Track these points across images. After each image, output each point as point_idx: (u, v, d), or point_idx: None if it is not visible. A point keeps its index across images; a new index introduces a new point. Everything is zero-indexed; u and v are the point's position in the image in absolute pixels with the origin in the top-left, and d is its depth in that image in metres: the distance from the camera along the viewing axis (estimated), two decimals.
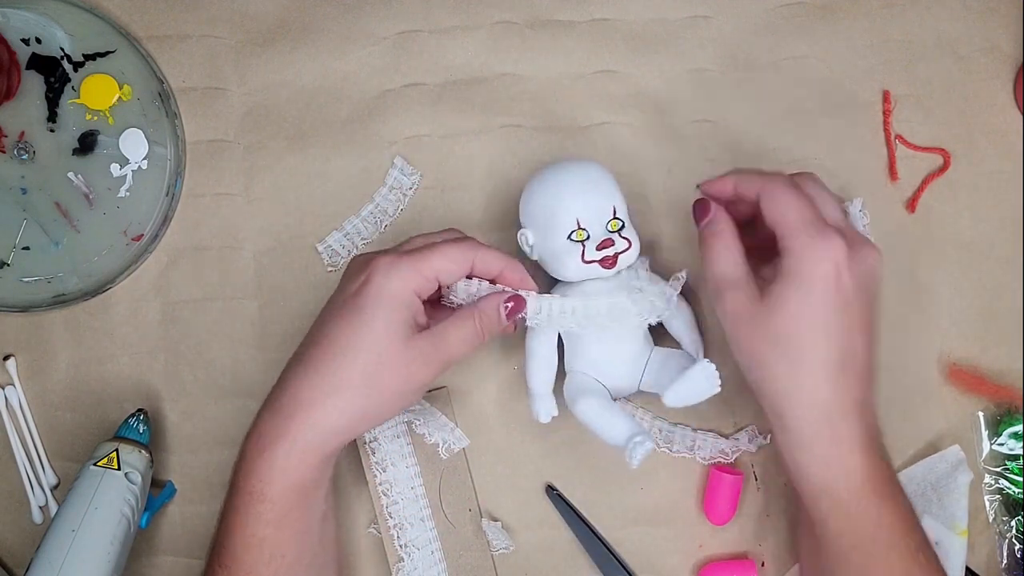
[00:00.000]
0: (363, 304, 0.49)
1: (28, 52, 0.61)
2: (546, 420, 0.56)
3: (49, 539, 0.54)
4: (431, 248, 0.51)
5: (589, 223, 0.54)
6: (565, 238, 0.54)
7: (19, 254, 0.61)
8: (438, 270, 0.50)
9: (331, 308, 0.51)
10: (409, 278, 0.49)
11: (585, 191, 0.54)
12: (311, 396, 0.49)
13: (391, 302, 0.49)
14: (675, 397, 0.52)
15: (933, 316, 0.63)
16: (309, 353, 0.50)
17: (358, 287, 0.50)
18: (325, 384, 0.48)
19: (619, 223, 0.54)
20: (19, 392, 0.62)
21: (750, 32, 0.64)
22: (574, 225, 0.54)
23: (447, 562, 0.59)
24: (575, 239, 0.54)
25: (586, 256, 0.53)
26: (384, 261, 0.49)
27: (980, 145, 0.63)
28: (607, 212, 0.54)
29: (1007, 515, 0.61)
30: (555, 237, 0.54)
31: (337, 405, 0.48)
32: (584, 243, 0.54)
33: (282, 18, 0.64)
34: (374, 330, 0.48)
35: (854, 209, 0.61)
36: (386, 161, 0.63)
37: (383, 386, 0.49)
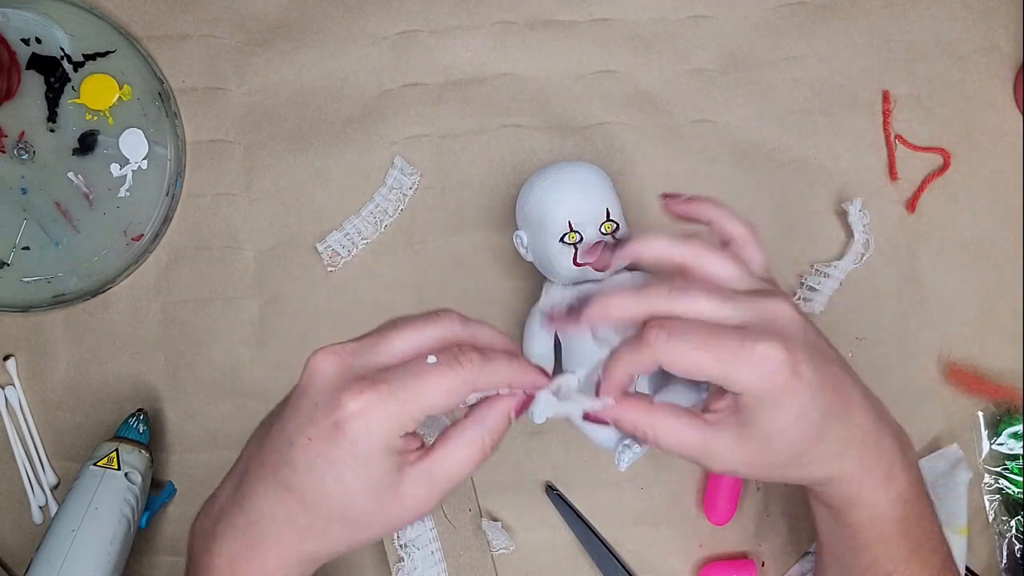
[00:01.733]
0: (337, 457, 0.39)
1: (28, 52, 0.61)
2: (541, 421, 0.56)
3: (49, 539, 0.54)
4: (421, 379, 0.40)
5: (582, 225, 0.53)
6: (558, 240, 0.54)
7: (19, 254, 0.61)
8: (429, 407, 0.40)
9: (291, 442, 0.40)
10: (394, 424, 0.39)
11: (578, 193, 0.54)
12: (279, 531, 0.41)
13: (373, 453, 0.39)
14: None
15: (933, 316, 0.63)
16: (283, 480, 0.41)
17: (328, 432, 0.39)
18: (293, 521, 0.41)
19: (613, 225, 0.54)
20: (19, 392, 0.62)
21: (750, 32, 0.64)
22: (566, 227, 0.53)
23: (447, 562, 0.59)
24: (568, 241, 0.53)
25: (578, 259, 0.53)
26: (361, 403, 0.39)
27: (980, 145, 0.63)
28: (600, 214, 0.54)
29: (1007, 515, 0.61)
30: (548, 239, 0.54)
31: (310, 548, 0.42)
32: (577, 245, 0.53)
33: (282, 18, 0.64)
34: (354, 489, 0.40)
35: (854, 209, 0.61)
36: (386, 161, 0.63)
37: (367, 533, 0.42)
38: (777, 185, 0.63)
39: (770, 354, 0.40)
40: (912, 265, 0.63)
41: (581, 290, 0.54)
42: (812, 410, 0.42)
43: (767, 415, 0.41)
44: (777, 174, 0.63)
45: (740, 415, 0.42)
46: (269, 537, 0.41)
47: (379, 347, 0.42)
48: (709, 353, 0.41)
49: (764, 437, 0.42)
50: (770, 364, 0.40)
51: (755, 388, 0.41)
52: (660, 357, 0.41)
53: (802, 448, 0.43)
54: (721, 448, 0.43)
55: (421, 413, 0.40)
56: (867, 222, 0.62)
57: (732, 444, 0.43)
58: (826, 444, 0.43)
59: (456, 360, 0.41)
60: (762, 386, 0.41)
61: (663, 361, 0.41)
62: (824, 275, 0.62)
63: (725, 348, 0.41)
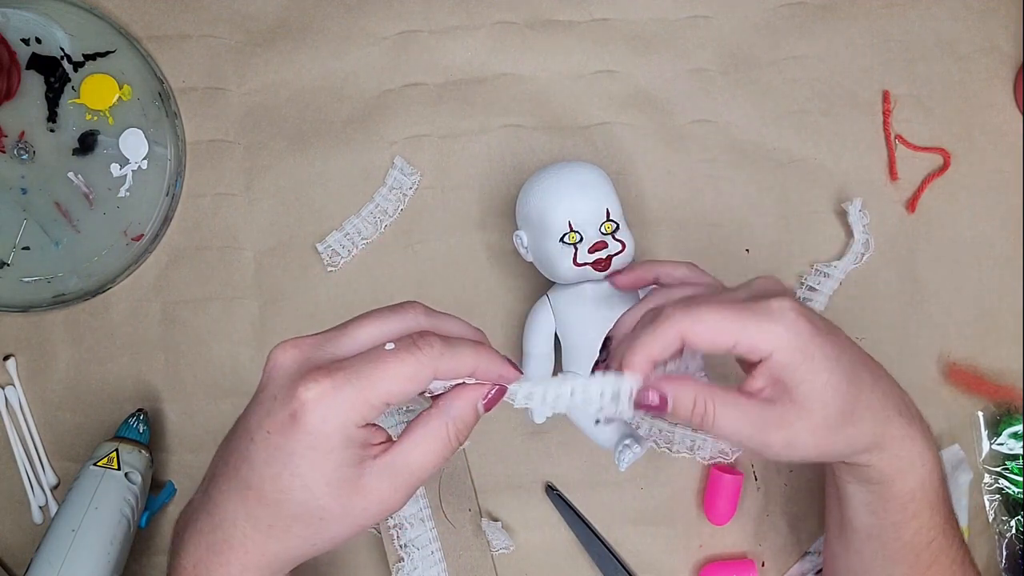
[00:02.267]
0: (294, 448, 0.38)
1: (28, 52, 0.61)
2: (540, 420, 0.56)
3: (49, 539, 0.54)
4: (378, 367, 0.39)
5: (582, 225, 0.53)
6: (558, 240, 0.54)
7: (19, 254, 0.61)
8: (388, 394, 0.39)
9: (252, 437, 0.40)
10: (352, 409, 0.38)
11: (577, 193, 0.54)
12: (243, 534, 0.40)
13: (330, 444, 0.38)
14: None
15: (933, 316, 0.63)
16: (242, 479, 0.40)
17: (285, 423, 0.38)
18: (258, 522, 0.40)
19: (613, 225, 0.54)
20: (19, 392, 0.62)
21: (750, 32, 0.64)
22: (566, 228, 0.53)
23: (447, 562, 0.59)
24: (568, 242, 0.53)
25: (578, 259, 0.53)
26: (316, 392, 0.38)
27: (980, 145, 0.63)
28: (600, 214, 0.54)
29: (1007, 515, 0.61)
30: (548, 239, 0.54)
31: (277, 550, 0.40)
32: (576, 245, 0.53)
33: (282, 18, 0.64)
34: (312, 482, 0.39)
35: (854, 209, 0.61)
36: (386, 161, 0.63)
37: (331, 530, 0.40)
38: (777, 185, 0.63)
39: (783, 306, 0.42)
40: (912, 265, 0.63)
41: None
42: (844, 360, 0.43)
43: (804, 371, 0.42)
44: (777, 174, 0.63)
45: (780, 384, 0.43)
46: (232, 540, 0.40)
47: (340, 339, 0.41)
48: (728, 315, 0.42)
49: (810, 398, 0.42)
50: (788, 316, 0.42)
51: (783, 343, 0.42)
52: (682, 326, 0.42)
53: (848, 404, 0.43)
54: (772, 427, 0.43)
55: (379, 401, 0.38)
56: (867, 222, 0.62)
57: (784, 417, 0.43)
58: (868, 401, 0.44)
59: (415, 345, 0.39)
60: (789, 339, 0.42)
61: (685, 330, 0.42)
62: (824, 275, 0.62)
63: (742, 308, 0.42)
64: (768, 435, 0.43)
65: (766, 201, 0.63)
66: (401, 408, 0.59)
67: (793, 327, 0.42)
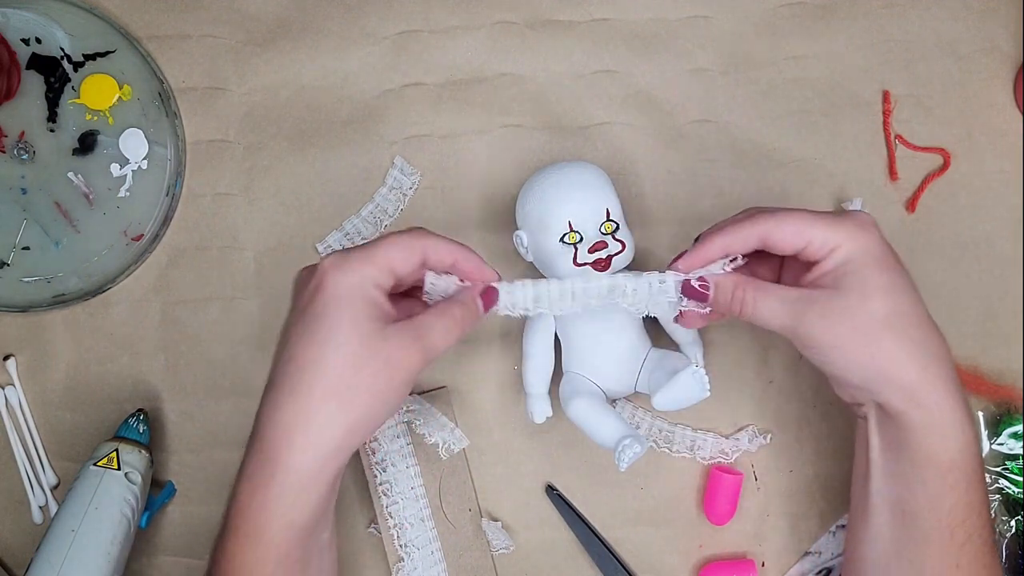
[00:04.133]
0: (321, 310, 0.44)
1: (28, 52, 0.61)
2: (540, 420, 0.56)
3: (49, 539, 0.54)
4: (378, 240, 0.47)
5: (582, 225, 0.53)
6: (558, 240, 0.53)
7: (19, 254, 0.61)
8: (389, 259, 0.46)
9: (289, 325, 0.47)
10: (362, 270, 0.45)
11: (577, 193, 0.54)
12: (292, 425, 0.44)
13: (351, 299, 0.44)
14: (664, 401, 0.52)
15: (933, 316, 0.62)
16: (279, 379, 0.45)
17: (311, 295, 0.45)
18: (302, 408, 0.44)
19: (613, 225, 0.54)
20: (19, 392, 0.62)
21: (750, 32, 0.64)
22: (566, 227, 0.53)
23: (447, 562, 0.59)
24: (567, 242, 0.53)
25: (578, 259, 0.53)
26: (331, 260, 0.45)
27: (980, 145, 0.63)
28: (600, 214, 0.54)
29: (1007, 515, 0.61)
30: (548, 239, 0.54)
31: (321, 427, 0.44)
32: (576, 245, 0.53)
33: (282, 18, 0.64)
34: (340, 333, 0.44)
35: (853, 209, 0.61)
36: (386, 161, 0.63)
37: (364, 390, 0.44)
38: (777, 185, 0.63)
39: (866, 218, 0.48)
40: (912, 265, 0.62)
41: None
42: (905, 286, 0.47)
43: (863, 267, 0.46)
44: (777, 174, 0.63)
45: (837, 274, 0.46)
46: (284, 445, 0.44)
47: None
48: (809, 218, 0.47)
49: (863, 292, 0.46)
50: (867, 224, 0.47)
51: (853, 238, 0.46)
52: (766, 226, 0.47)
53: (896, 320, 0.46)
54: (818, 311, 0.46)
55: (384, 264, 0.46)
56: None
57: (830, 306, 0.46)
58: (917, 339, 0.46)
59: (410, 229, 0.48)
60: (860, 238, 0.46)
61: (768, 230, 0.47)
62: None
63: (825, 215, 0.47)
64: (808, 322, 0.46)
65: (766, 201, 0.63)
66: (401, 408, 0.59)
67: (869, 232, 0.47)
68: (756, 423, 0.62)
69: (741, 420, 0.62)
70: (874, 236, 0.47)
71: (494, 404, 0.62)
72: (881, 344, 0.46)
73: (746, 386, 0.62)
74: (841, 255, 0.47)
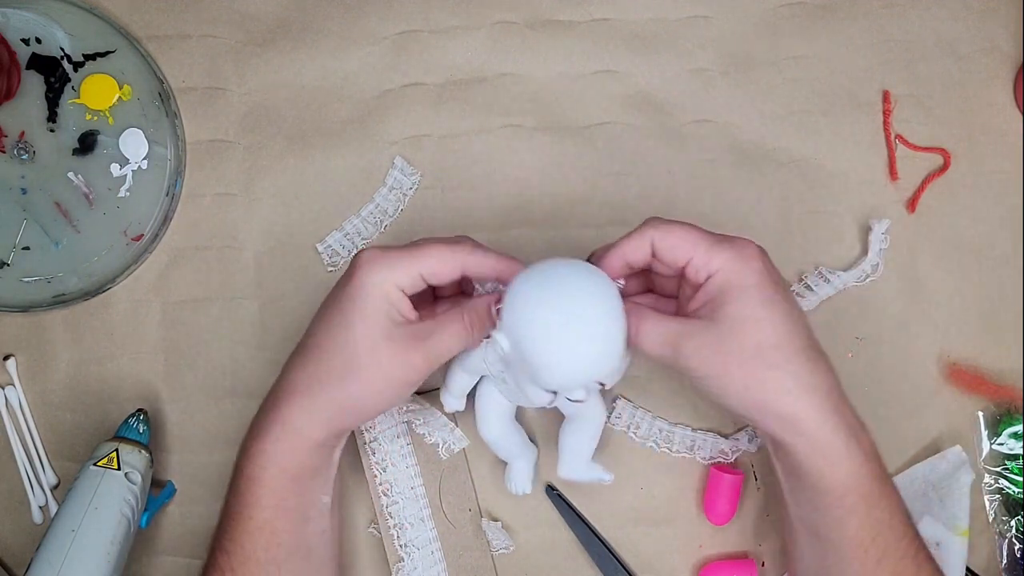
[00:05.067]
0: (345, 297, 0.49)
1: (28, 52, 0.61)
2: (449, 411, 0.58)
3: (49, 539, 0.54)
4: (420, 245, 0.49)
5: (570, 388, 0.48)
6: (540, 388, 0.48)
7: (19, 254, 0.61)
8: (424, 268, 0.49)
9: (324, 301, 0.51)
10: (391, 273, 0.48)
11: (577, 369, 0.46)
12: (300, 384, 0.49)
13: (371, 296, 0.48)
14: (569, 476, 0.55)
15: (933, 316, 0.63)
16: (304, 344, 0.51)
17: (344, 281, 0.50)
18: (311, 374, 0.49)
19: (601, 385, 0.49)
20: (19, 392, 0.62)
21: (750, 32, 0.64)
22: (555, 387, 0.48)
23: (447, 562, 0.59)
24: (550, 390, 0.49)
25: (556, 403, 0.50)
26: (368, 255, 0.49)
27: (980, 145, 0.63)
28: (592, 379, 0.48)
29: (1007, 515, 0.61)
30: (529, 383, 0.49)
31: (322, 394, 0.48)
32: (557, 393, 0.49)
33: (282, 18, 0.64)
34: (354, 323, 0.48)
35: (878, 230, 0.61)
36: (386, 161, 0.63)
37: (365, 378, 0.48)
38: (777, 185, 0.63)
39: (747, 244, 0.48)
40: (912, 265, 0.63)
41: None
42: (781, 310, 0.47)
43: (738, 294, 0.46)
44: (777, 174, 0.63)
45: (714, 303, 0.47)
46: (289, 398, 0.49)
47: None
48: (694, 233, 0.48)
49: (735, 323, 0.46)
50: (747, 250, 0.47)
51: (731, 264, 0.47)
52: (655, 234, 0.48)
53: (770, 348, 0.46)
54: (694, 343, 0.47)
55: (416, 271, 0.48)
56: (886, 247, 0.61)
57: (704, 338, 0.47)
58: (794, 366, 0.46)
59: (453, 240, 0.50)
60: (737, 264, 0.47)
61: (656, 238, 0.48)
62: (825, 279, 0.62)
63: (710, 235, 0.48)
64: (685, 355, 0.47)
65: (766, 201, 0.63)
66: (401, 408, 0.59)
67: (747, 258, 0.47)
68: None
69: (741, 420, 0.62)
70: (753, 265, 0.47)
71: None
72: (755, 376, 0.46)
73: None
74: (717, 282, 0.47)
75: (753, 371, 0.46)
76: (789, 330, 0.47)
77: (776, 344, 0.46)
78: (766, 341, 0.46)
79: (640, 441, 0.61)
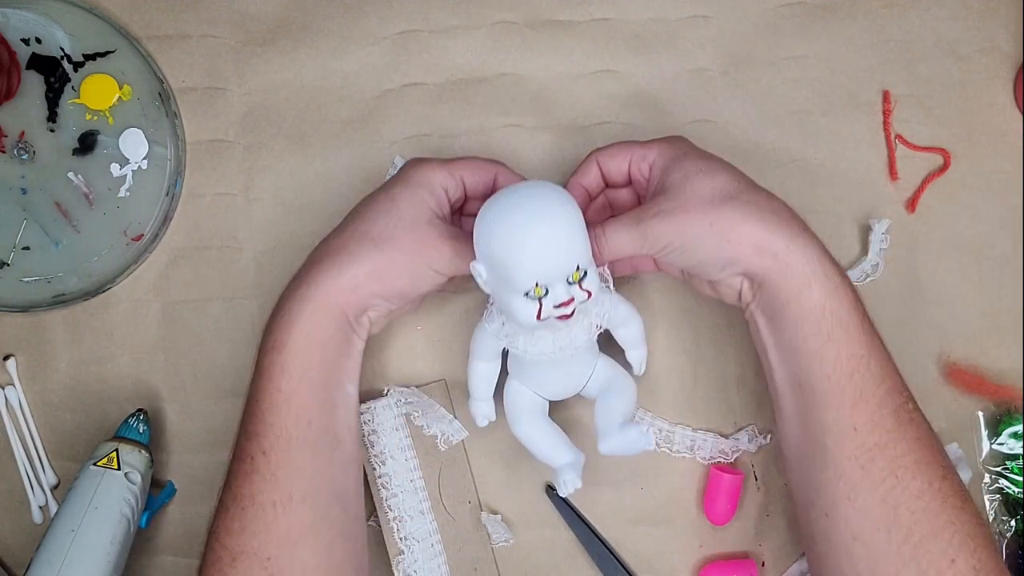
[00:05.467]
0: (395, 184, 0.54)
1: (28, 52, 0.61)
2: (483, 424, 0.57)
3: (49, 539, 0.54)
4: (462, 157, 0.56)
5: (549, 281, 0.48)
6: (522, 295, 0.48)
7: (19, 254, 0.61)
8: (464, 172, 0.54)
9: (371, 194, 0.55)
10: (438, 171, 0.53)
11: (546, 247, 0.47)
12: (333, 247, 0.52)
13: (421, 186, 0.53)
14: (609, 449, 0.53)
15: (933, 316, 0.63)
16: (344, 221, 0.54)
17: (395, 178, 0.55)
18: (349, 236, 0.52)
19: (581, 273, 0.49)
20: (19, 392, 0.62)
21: (750, 32, 0.64)
22: (531, 285, 0.48)
23: (447, 554, 0.59)
24: (532, 296, 0.49)
25: (542, 314, 0.49)
26: (417, 160, 0.55)
27: (980, 145, 0.63)
28: (570, 267, 0.48)
29: (1007, 515, 0.61)
30: (511, 291, 0.49)
31: (357, 253, 0.51)
32: (541, 300, 0.48)
33: (282, 18, 0.64)
34: (401, 203, 0.52)
35: (878, 230, 0.61)
36: (386, 161, 0.63)
37: (401, 247, 0.51)
38: (777, 185, 0.63)
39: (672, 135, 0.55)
40: (912, 265, 0.63)
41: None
42: (721, 163, 0.52)
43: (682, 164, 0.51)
44: (777, 174, 0.63)
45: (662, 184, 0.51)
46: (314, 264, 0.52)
47: None
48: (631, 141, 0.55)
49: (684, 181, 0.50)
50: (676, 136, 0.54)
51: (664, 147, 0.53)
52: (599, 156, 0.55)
53: (724, 191, 0.49)
54: (654, 216, 0.50)
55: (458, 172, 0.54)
56: (886, 247, 0.61)
57: (661, 206, 0.50)
58: (749, 196, 0.50)
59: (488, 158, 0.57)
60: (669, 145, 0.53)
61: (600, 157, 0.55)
62: None
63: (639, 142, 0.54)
64: (654, 233, 0.50)
65: None
66: (400, 400, 0.59)
67: (676, 140, 0.54)
68: (756, 423, 0.62)
69: (741, 420, 0.62)
70: (683, 143, 0.53)
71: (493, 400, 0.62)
72: (719, 214, 0.49)
73: (746, 386, 0.62)
74: (659, 165, 0.53)
75: (714, 209, 0.49)
76: (735, 175, 0.51)
77: (727, 183, 0.50)
78: (718, 183, 0.50)
79: None
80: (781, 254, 0.48)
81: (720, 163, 0.52)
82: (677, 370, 0.62)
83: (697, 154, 0.53)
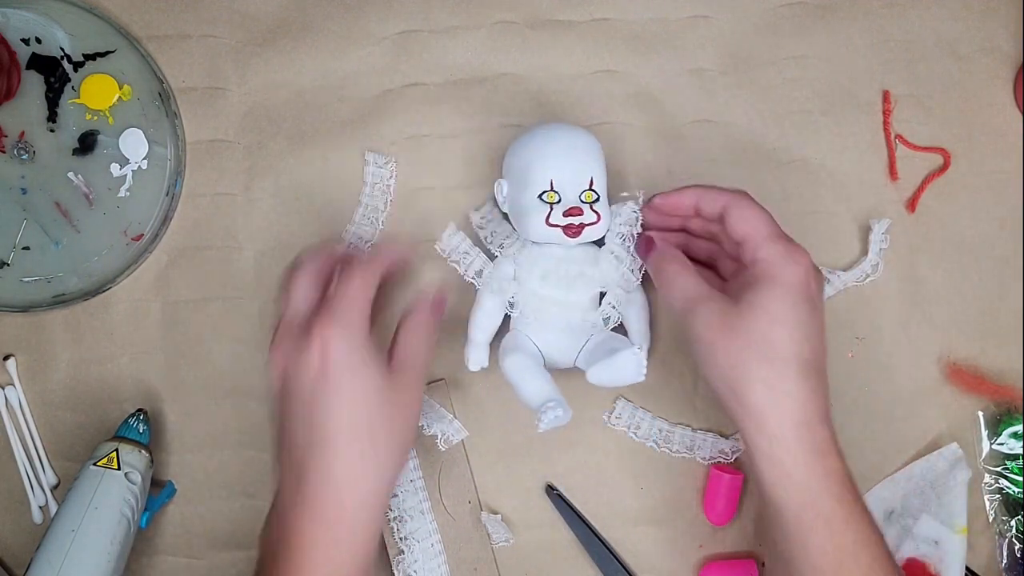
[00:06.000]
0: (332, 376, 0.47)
1: (28, 52, 0.61)
2: (475, 369, 0.57)
3: (49, 539, 0.54)
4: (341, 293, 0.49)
5: (563, 188, 0.53)
6: (536, 196, 0.53)
7: (19, 254, 0.61)
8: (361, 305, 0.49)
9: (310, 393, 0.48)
10: (361, 333, 0.48)
11: (564, 155, 0.54)
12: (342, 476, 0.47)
13: (363, 365, 0.48)
14: (598, 375, 0.52)
15: (933, 316, 0.63)
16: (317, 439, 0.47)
17: (316, 374, 0.47)
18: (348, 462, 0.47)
19: (594, 195, 0.54)
20: (19, 392, 0.62)
21: (750, 32, 0.64)
22: (547, 185, 0.53)
23: (447, 554, 0.59)
24: (545, 200, 0.53)
25: (551, 219, 0.53)
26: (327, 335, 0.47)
27: (980, 145, 0.63)
28: (584, 181, 0.54)
29: (1007, 515, 0.61)
30: (526, 193, 0.54)
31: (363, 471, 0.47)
32: (553, 205, 0.53)
33: (282, 18, 0.64)
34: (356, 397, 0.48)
35: (878, 230, 0.61)
36: None
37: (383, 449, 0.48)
38: (777, 185, 0.63)
39: (805, 252, 0.50)
40: (912, 265, 0.63)
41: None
42: (803, 320, 0.48)
43: (772, 290, 0.48)
44: (777, 174, 0.63)
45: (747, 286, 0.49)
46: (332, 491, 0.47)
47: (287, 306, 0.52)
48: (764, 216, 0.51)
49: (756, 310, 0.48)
50: (803, 255, 0.49)
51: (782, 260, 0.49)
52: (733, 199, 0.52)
53: (774, 345, 0.47)
54: (710, 309, 0.49)
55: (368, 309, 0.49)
56: (886, 247, 0.61)
57: (721, 311, 0.49)
58: (784, 369, 0.47)
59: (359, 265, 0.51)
60: (787, 263, 0.49)
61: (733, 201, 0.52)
62: (825, 279, 0.62)
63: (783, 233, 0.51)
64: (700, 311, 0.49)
65: (766, 201, 0.63)
66: None
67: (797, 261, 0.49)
68: None
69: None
70: (799, 270, 0.49)
71: (493, 398, 0.62)
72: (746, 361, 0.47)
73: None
74: (761, 268, 0.49)
75: (748, 357, 0.47)
76: (800, 340, 0.47)
77: (781, 345, 0.47)
78: (774, 338, 0.47)
79: (640, 441, 0.61)
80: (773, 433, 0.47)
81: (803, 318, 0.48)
82: (677, 370, 0.62)
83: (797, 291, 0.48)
